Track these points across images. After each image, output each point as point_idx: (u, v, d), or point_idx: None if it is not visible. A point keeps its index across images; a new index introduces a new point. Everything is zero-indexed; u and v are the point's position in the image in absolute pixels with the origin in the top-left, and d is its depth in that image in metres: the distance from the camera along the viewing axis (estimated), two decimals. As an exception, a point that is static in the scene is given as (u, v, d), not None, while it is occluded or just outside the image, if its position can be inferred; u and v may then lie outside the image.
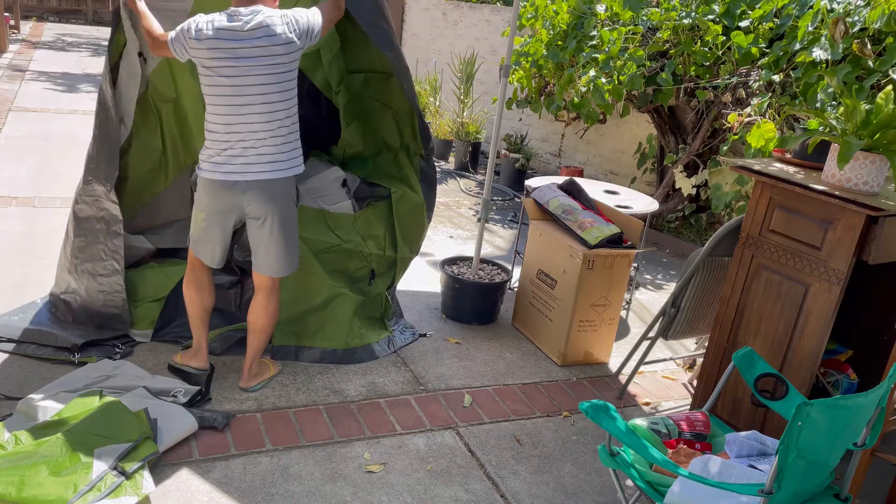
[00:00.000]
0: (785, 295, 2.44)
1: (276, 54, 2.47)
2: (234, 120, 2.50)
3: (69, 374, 2.70)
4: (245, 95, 2.48)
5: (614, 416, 1.78)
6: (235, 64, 2.44)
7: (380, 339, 3.36)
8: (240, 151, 2.54)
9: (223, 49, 2.43)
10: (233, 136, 2.52)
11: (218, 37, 2.42)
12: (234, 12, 2.46)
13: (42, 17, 17.24)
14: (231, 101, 2.49)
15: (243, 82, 2.47)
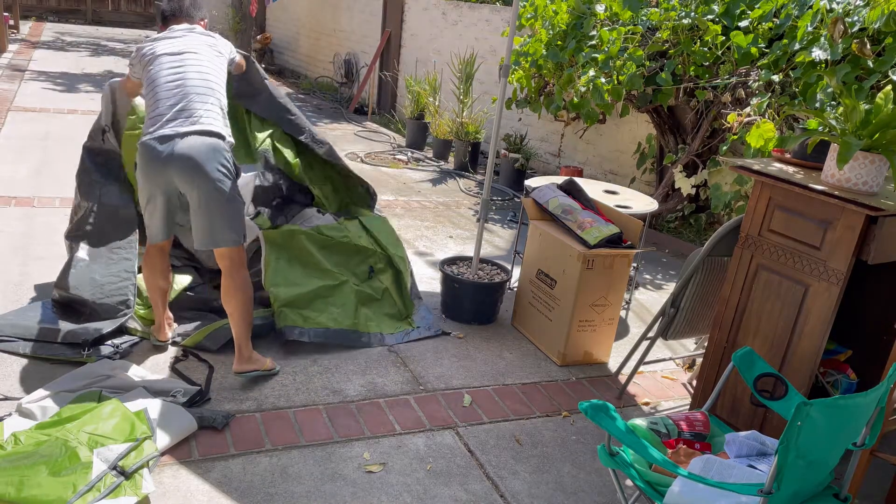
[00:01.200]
0: (784, 295, 2.44)
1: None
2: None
3: (68, 374, 2.70)
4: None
5: (614, 416, 1.78)
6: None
7: (396, 332, 3.50)
8: None
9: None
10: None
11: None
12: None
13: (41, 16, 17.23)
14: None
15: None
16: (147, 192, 2.77)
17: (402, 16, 9.50)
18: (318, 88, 11.32)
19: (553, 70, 5.63)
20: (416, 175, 6.87)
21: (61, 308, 3.22)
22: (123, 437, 2.24)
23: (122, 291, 3.18)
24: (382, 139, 8.31)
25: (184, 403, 2.65)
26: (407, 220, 5.38)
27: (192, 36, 2.86)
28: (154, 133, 2.66)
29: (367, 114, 9.62)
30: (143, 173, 2.71)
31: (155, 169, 2.67)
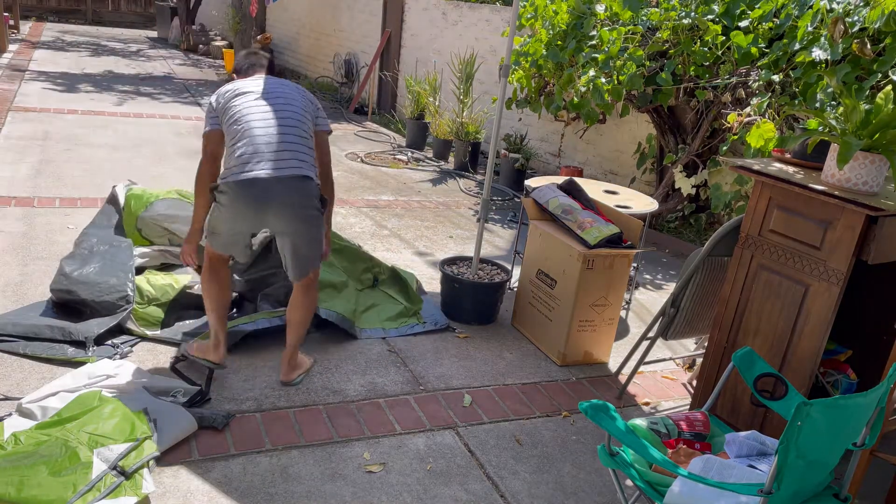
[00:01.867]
0: (784, 295, 2.44)
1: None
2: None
3: (68, 374, 2.70)
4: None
5: (614, 416, 1.78)
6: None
7: (401, 326, 3.59)
8: None
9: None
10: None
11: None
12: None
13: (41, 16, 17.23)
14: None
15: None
16: (230, 230, 2.68)
17: (402, 16, 9.50)
18: (318, 88, 11.31)
19: (553, 70, 5.62)
20: (417, 175, 6.87)
21: (61, 308, 3.23)
22: (123, 437, 2.24)
23: (121, 288, 3.19)
24: (382, 139, 8.31)
25: (184, 403, 2.65)
26: (407, 220, 5.38)
27: (282, 81, 2.84)
28: (250, 173, 2.57)
29: (367, 114, 9.62)
30: (235, 212, 2.62)
31: (251, 209, 2.61)
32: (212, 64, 12.94)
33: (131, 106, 8.25)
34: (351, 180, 6.33)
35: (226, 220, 2.66)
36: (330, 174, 2.94)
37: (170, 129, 7.37)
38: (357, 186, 6.15)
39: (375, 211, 5.50)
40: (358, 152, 7.46)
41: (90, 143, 6.40)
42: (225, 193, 2.61)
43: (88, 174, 5.46)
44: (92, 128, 6.97)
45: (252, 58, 2.95)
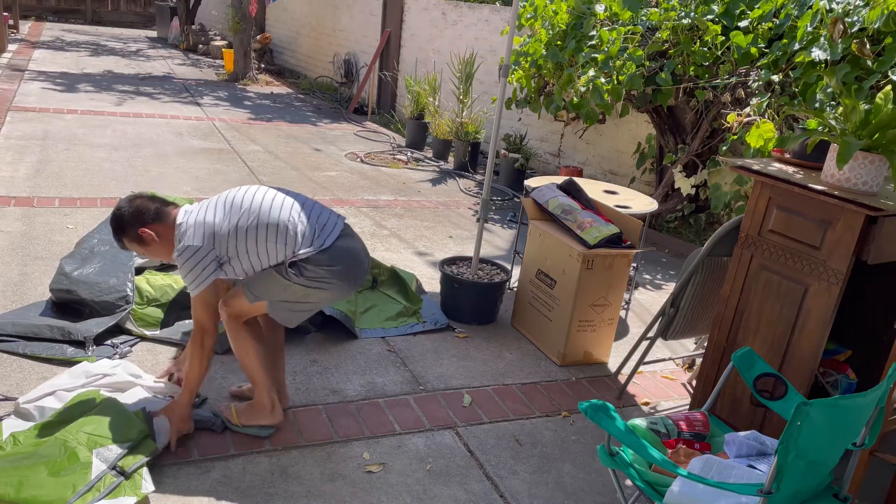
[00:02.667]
0: (784, 295, 2.44)
1: None
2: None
3: (65, 374, 2.70)
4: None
5: (613, 416, 1.78)
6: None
7: (400, 325, 3.58)
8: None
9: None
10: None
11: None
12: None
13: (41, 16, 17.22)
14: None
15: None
16: (315, 303, 2.51)
17: (402, 16, 9.50)
18: (317, 88, 11.31)
19: (553, 70, 5.62)
20: (416, 175, 6.87)
21: (61, 307, 3.23)
22: (122, 437, 2.24)
23: (120, 288, 3.19)
24: (382, 139, 8.31)
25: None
26: (407, 220, 5.38)
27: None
28: (327, 242, 2.40)
29: (367, 114, 9.62)
30: (341, 283, 2.43)
31: (357, 276, 2.48)
32: (211, 64, 12.94)
33: (131, 106, 8.24)
34: (350, 180, 6.32)
35: (319, 297, 2.46)
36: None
37: (169, 128, 7.37)
38: (356, 186, 6.15)
39: (375, 211, 5.50)
40: (357, 152, 7.46)
41: (90, 142, 6.39)
42: (322, 264, 2.38)
43: (88, 174, 5.46)
44: (91, 128, 6.96)
45: (146, 203, 2.42)
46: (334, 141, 7.91)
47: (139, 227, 2.38)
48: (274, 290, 2.43)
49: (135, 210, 2.39)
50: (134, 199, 2.43)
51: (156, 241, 2.40)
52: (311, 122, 8.80)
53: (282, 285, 2.41)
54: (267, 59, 13.35)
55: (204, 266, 2.33)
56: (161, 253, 2.44)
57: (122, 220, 2.40)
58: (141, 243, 2.41)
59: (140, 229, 2.37)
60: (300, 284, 2.40)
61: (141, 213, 2.38)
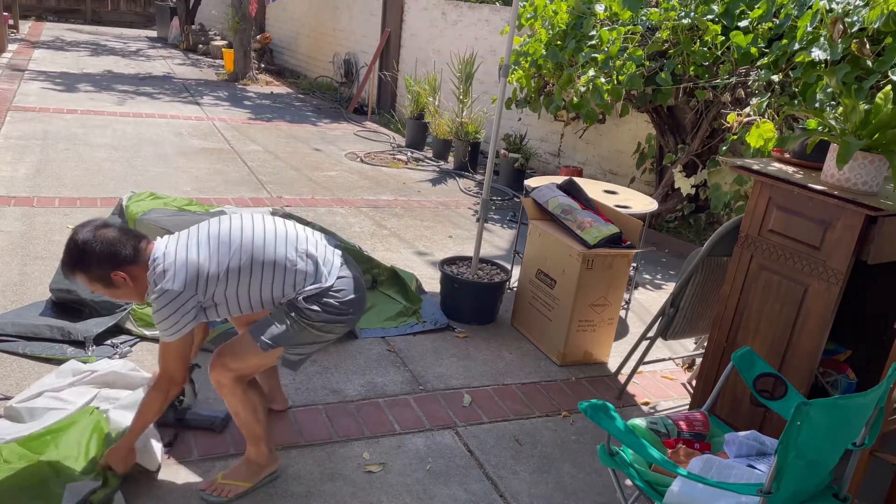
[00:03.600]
0: (784, 295, 2.44)
1: None
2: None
3: (53, 373, 2.67)
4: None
5: (613, 416, 1.78)
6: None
7: (400, 325, 3.57)
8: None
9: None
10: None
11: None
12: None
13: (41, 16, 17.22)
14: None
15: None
16: (327, 341, 2.28)
17: (402, 16, 9.49)
18: (317, 88, 11.31)
19: (553, 70, 5.62)
20: (416, 175, 6.87)
21: (61, 307, 3.23)
22: (91, 468, 2.18)
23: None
24: (382, 139, 8.31)
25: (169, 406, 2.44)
26: (407, 219, 5.38)
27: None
28: (330, 282, 2.18)
29: (367, 114, 9.62)
30: (354, 315, 2.25)
31: (364, 304, 2.32)
32: (211, 64, 12.94)
33: (131, 106, 8.24)
34: (350, 180, 6.32)
35: (334, 333, 2.24)
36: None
37: (169, 128, 7.37)
38: (356, 186, 6.15)
39: (375, 211, 5.50)
40: (357, 152, 7.46)
41: (89, 142, 6.39)
42: (337, 298, 2.18)
43: (88, 174, 5.46)
44: (91, 127, 6.96)
45: (120, 238, 2.06)
46: (334, 141, 7.91)
47: (111, 269, 2.02)
48: (290, 334, 2.17)
49: (107, 246, 2.01)
50: (103, 231, 2.03)
51: (127, 286, 2.06)
52: (311, 122, 8.80)
53: (300, 327, 2.17)
54: (267, 59, 13.35)
55: (184, 313, 2.02)
56: (130, 296, 2.12)
57: (87, 255, 2.00)
58: (108, 286, 2.06)
59: (113, 272, 2.02)
60: (321, 322, 2.17)
61: (116, 252, 2.02)
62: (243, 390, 2.21)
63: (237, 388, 2.19)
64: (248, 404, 2.22)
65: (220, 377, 2.17)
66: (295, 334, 2.17)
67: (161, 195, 3.99)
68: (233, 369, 2.17)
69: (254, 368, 2.22)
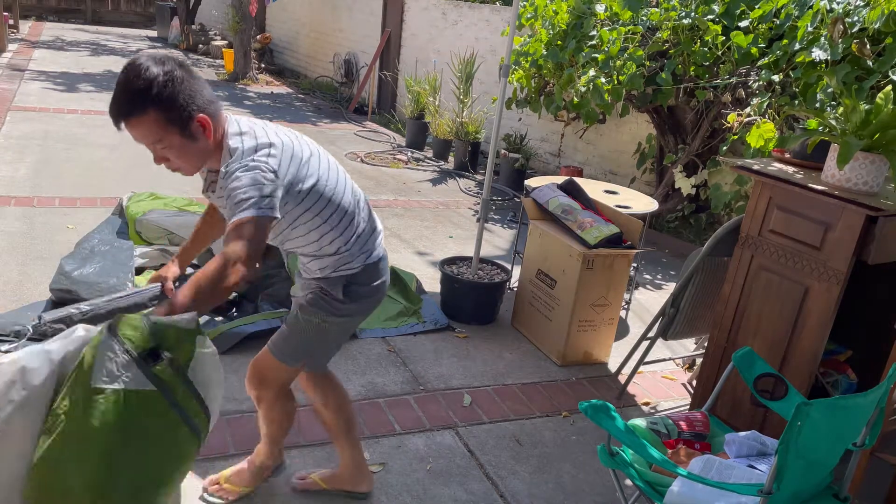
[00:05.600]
0: (784, 295, 2.44)
1: None
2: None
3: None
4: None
5: (614, 416, 1.78)
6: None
7: (401, 325, 3.56)
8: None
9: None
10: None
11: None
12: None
13: (41, 16, 17.22)
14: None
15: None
16: (345, 333, 2.13)
17: (402, 15, 9.49)
18: (317, 88, 11.31)
19: (553, 70, 5.62)
20: (416, 175, 6.87)
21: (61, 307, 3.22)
22: None
23: (120, 288, 3.19)
24: (382, 139, 8.31)
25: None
26: (407, 219, 5.38)
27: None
28: (373, 256, 2.03)
29: (367, 114, 9.62)
30: (361, 306, 2.05)
31: (378, 298, 2.10)
32: (211, 64, 12.94)
33: (131, 106, 8.23)
34: (351, 180, 6.32)
35: (344, 329, 2.10)
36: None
37: (169, 128, 7.37)
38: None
39: (375, 211, 5.49)
40: (358, 152, 7.46)
41: (90, 142, 6.39)
42: (371, 281, 2.03)
43: (88, 174, 5.46)
44: (92, 127, 6.96)
45: (198, 80, 1.71)
46: (334, 141, 7.91)
47: (198, 108, 1.66)
48: (311, 341, 2.05)
49: (194, 81, 1.67)
50: (178, 66, 1.66)
51: (205, 140, 1.70)
52: (312, 122, 8.80)
53: (319, 330, 2.02)
54: (267, 59, 13.35)
55: (273, 192, 1.67)
56: (200, 156, 1.74)
57: (173, 85, 1.62)
58: (184, 133, 1.66)
59: (199, 113, 1.67)
60: (346, 316, 2.02)
61: (202, 91, 1.69)
62: (282, 404, 2.14)
63: (276, 403, 2.12)
64: (283, 414, 2.16)
65: (258, 393, 2.10)
66: (316, 339, 2.05)
67: (161, 195, 4.00)
68: (268, 385, 2.09)
69: (287, 380, 2.12)
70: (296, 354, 2.05)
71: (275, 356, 2.05)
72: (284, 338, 2.06)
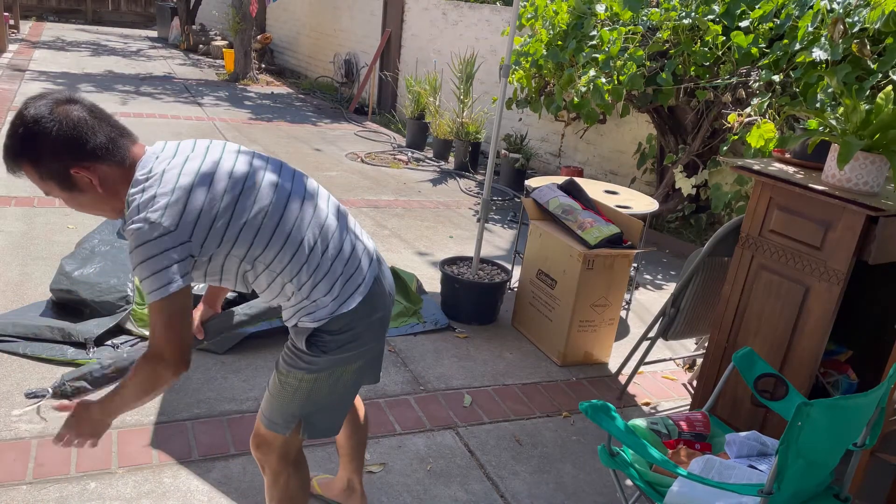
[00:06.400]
0: (785, 295, 2.44)
1: None
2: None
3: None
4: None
5: (614, 417, 1.78)
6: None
7: (401, 325, 3.55)
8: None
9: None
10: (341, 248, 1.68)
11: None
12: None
13: (41, 16, 17.23)
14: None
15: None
16: (339, 383, 1.77)
17: (403, 16, 9.49)
18: (318, 88, 11.31)
19: (553, 70, 5.62)
20: (417, 175, 6.87)
21: (61, 307, 3.23)
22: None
23: (121, 288, 3.19)
24: (383, 139, 8.31)
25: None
26: (407, 220, 5.38)
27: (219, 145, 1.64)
28: (348, 302, 1.65)
29: (368, 114, 9.62)
30: (363, 337, 1.71)
31: (383, 318, 1.78)
32: (212, 64, 12.94)
33: (131, 106, 8.25)
34: (351, 180, 6.32)
35: (332, 386, 1.75)
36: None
37: (170, 129, 7.37)
38: (357, 186, 6.15)
39: (375, 211, 5.50)
40: (358, 152, 7.46)
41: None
42: (338, 341, 1.67)
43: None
44: (92, 128, 6.96)
45: (92, 121, 1.49)
46: (335, 141, 7.91)
47: (71, 161, 1.45)
48: (293, 403, 1.73)
49: (69, 129, 1.44)
50: (65, 108, 1.46)
51: (94, 191, 1.51)
52: (312, 122, 8.80)
53: (299, 391, 1.71)
54: (267, 59, 13.36)
55: (171, 261, 1.44)
56: (98, 207, 1.56)
57: (39, 138, 1.43)
58: (65, 187, 1.49)
59: (74, 167, 1.46)
60: (320, 371, 1.70)
61: (79, 139, 1.45)
62: (287, 478, 1.82)
63: (280, 475, 1.82)
64: (287, 493, 1.85)
65: (259, 456, 1.83)
66: (298, 402, 1.73)
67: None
68: (268, 450, 1.80)
69: (287, 448, 1.80)
70: (285, 421, 1.75)
71: (263, 425, 1.78)
72: (267, 401, 1.78)
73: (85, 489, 2.22)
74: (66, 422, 1.59)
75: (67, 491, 2.21)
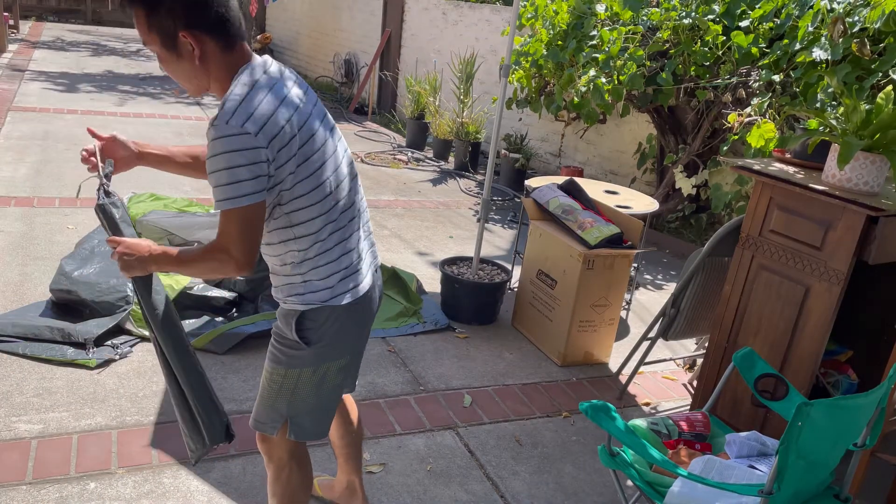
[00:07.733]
0: (785, 295, 2.44)
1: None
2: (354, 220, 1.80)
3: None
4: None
5: (614, 417, 1.78)
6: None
7: (401, 325, 3.55)
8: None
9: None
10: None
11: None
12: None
13: (41, 16, 17.22)
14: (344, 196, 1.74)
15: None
16: (337, 386, 1.80)
17: (403, 15, 9.49)
18: (318, 88, 11.31)
19: (553, 70, 5.62)
20: (417, 175, 6.87)
21: (61, 307, 3.23)
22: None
23: (121, 288, 3.19)
24: (383, 139, 8.30)
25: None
26: (407, 220, 5.38)
27: (308, 90, 1.65)
28: (361, 286, 1.72)
29: (368, 114, 9.62)
30: (348, 336, 1.75)
31: (364, 329, 1.84)
32: (212, 64, 12.93)
33: (132, 106, 8.24)
34: (351, 180, 6.32)
35: (316, 384, 1.74)
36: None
37: (170, 129, 7.37)
38: (357, 186, 6.14)
39: (375, 211, 5.49)
40: (358, 152, 7.46)
41: (90, 143, 6.38)
42: (346, 316, 1.70)
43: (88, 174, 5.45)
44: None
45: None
46: (335, 141, 7.90)
47: (184, 25, 1.45)
48: (284, 394, 1.73)
49: None
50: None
51: (191, 61, 1.49)
52: (312, 122, 8.79)
53: (290, 379, 1.71)
54: (267, 59, 13.34)
55: (251, 174, 1.43)
56: (186, 77, 1.54)
57: None
58: (166, 45, 1.48)
59: (183, 31, 1.45)
60: (311, 364, 1.69)
61: (205, 6, 1.45)
62: (288, 475, 1.83)
63: (281, 471, 1.83)
64: (289, 490, 1.85)
65: (264, 447, 1.85)
66: (288, 392, 1.72)
67: (161, 196, 4.00)
68: (274, 445, 1.82)
69: (285, 450, 1.81)
70: (270, 419, 1.74)
71: (250, 424, 1.80)
72: (256, 401, 1.79)
73: (85, 489, 2.22)
74: (130, 245, 1.65)
75: (67, 491, 2.20)
